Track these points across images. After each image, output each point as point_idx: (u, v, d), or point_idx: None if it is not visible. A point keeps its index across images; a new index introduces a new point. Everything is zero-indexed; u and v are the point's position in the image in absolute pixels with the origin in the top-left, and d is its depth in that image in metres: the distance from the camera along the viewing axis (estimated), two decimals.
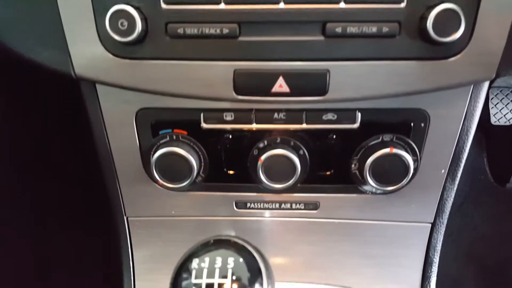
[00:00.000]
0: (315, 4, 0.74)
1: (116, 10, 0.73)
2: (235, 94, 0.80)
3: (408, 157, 0.86)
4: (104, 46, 0.78)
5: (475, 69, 0.78)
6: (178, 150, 0.87)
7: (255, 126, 0.88)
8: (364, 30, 0.74)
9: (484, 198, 1.58)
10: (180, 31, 0.75)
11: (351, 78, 0.79)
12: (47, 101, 1.25)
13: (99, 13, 0.76)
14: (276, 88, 0.79)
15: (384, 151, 0.86)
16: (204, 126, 0.89)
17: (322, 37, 0.76)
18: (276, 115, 0.87)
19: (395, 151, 0.86)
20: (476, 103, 0.87)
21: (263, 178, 0.89)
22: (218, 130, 0.90)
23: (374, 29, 0.74)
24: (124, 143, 0.93)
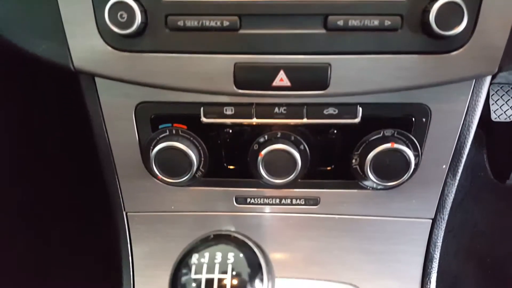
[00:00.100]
0: None
1: (115, 2, 0.72)
2: (235, 88, 0.80)
3: (409, 152, 0.86)
4: (103, 39, 0.77)
5: (477, 63, 0.77)
6: (178, 145, 0.87)
7: (256, 120, 0.88)
8: (366, 23, 0.73)
9: (484, 194, 1.59)
10: (180, 24, 0.75)
11: (353, 72, 0.78)
12: (45, 94, 1.24)
13: (98, 5, 0.75)
14: (277, 82, 0.78)
15: (385, 146, 0.86)
16: (204, 120, 0.88)
17: (324, 30, 0.75)
18: (276, 110, 0.87)
19: (396, 146, 0.86)
20: (478, 98, 0.87)
21: (263, 173, 0.88)
22: (218, 125, 0.89)
23: (376, 22, 0.73)
24: (123, 137, 0.92)
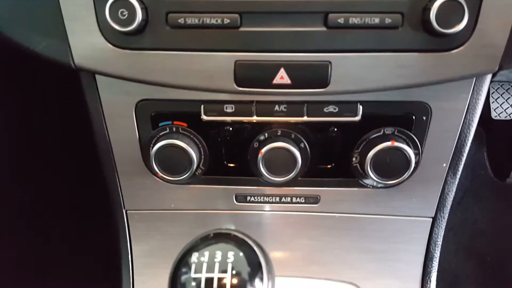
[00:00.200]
0: None
1: None
2: (235, 85, 0.79)
3: (409, 150, 0.86)
4: (104, 36, 0.77)
5: (478, 61, 0.77)
6: (178, 142, 0.87)
7: (256, 118, 0.88)
8: (366, 21, 0.73)
9: (484, 192, 1.59)
10: (181, 21, 0.74)
11: (353, 70, 0.78)
12: (46, 92, 1.24)
13: (99, 2, 0.75)
14: (277, 80, 0.78)
15: (386, 144, 0.86)
16: (205, 118, 0.88)
17: (324, 28, 0.75)
18: (277, 107, 0.86)
19: (397, 144, 0.86)
20: (479, 96, 0.87)
21: (263, 171, 0.88)
22: (219, 122, 0.89)
23: (377, 20, 0.73)
24: (124, 135, 0.92)
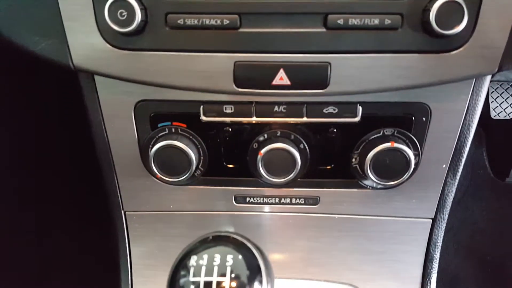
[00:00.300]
0: None
1: (115, 0, 0.71)
2: (235, 86, 0.79)
3: (409, 151, 0.86)
4: (103, 37, 0.77)
5: (477, 62, 0.77)
6: (177, 143, 0.87)
7: (255, 119, 0.88)
8: (366, 22, 0.73)
9: (484, 192, 1.59)
10: (180, 22, 0.74)
11: (353, 71, 0.78)
12: (44, 92, 1.24)
13: (98, 2, 0.74)
14: (276, 81, 0.78)
15: (385, 145, 0.86)
16: (204, 119, 0.88)
17: (324, 29, 0.75)
18: (276, 108, 0.86)
19: (396, 145, 0.85)
20: (478, 97, 0.87)
21: (263, 172, 0.88)
22: (218, 123, 0.89)
23: (376, 21, 0.73)
24: (122, 135, 0.92)
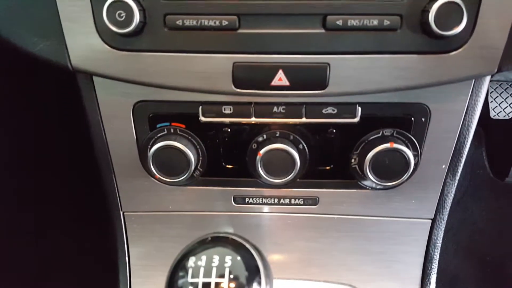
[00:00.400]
0: None
1: (113, 1, 0.71)
2: (234, 87, 0.79)
3: (408, 152, 0.86)
4: (102, 38, 0.77)
5: (477, 63, 0.77)
6: (176, 144, 0.86)
7: (254, 119, 0.88)
8: (365, 23, 0.73)
9: (483, 192, 1.59)
10: (179, 23, 0.74)
11: (352, 71, 0.78)
12: (43, 93, 1.24)
13: (96, 3, 0.74)
14: (275, 82, 0.78)
15: (385, 146, 0.86)
16: (203, 119, 0.88)
17: (323, 30, 0.75)
18: (275, 109, 0.86)
19: (396, 146, 0.85)
20: (478, 98, 0.86)
21: (262, 173, 0.88)
22: (217, 124, 0.89)
23: (375, 22, 0.73)
24: (121, 136, 0.92)
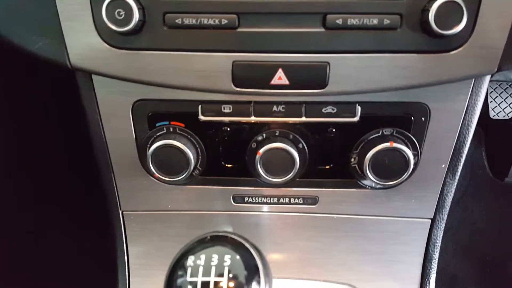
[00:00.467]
0: None
1: None
2: (233, 86, 0.79)
3: (408, 151, 0.86)
4: (101, 36, 0.76)
5: (477, 62, 0.77)
6: (175, 143, 0.86)
7: (254, 118, 0.87)
8: (365, 22, 0.73)
9: (483, 192, 1.59)
10: (178, 21, 0.74)
11: (351, 70, 0.78)
12: (42, 91, 1.23)
13: (95, 2, 0.74)
14: (275, 81, 0.78)
15: (384, 145, 0.86)
16: (202, 118, 0.88)
17: (322, 28, 0.75)
18: (275, 108, 0.86)
19: (395, 145, 0.85)
20: (477, 97, 0.86)
21: (261, 172, 0.88)
22: (216, 123, 0.89)
23: (375, 21, 0.73)
24: (120, 135, 0.92)
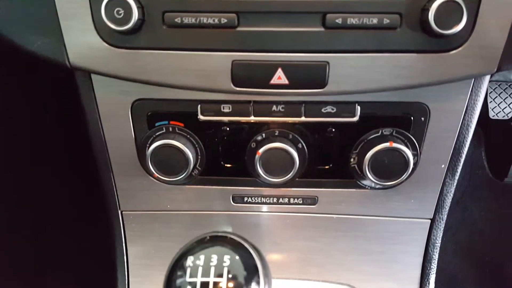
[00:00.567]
0: None
1: None
2: (233, 85, 0.79)
3: (408, 151, 0.85)
4: (100, 35, 0.76)
5: (476, 62, 0.77)
6: (174, 143, 0.86)
7: (253, 118, 0.87)
8: (364, 21, 0.73)
9: (482, 192, 1.59)
10: (178, 20, 0.74)
11: (351, 70, 0.77)
12: (41, 90, 1.23)
13: (94, 1, 0.74)
14: (274, 80, 0.78)
15: (384, 145, 0.85)
16: (201, 118, 0.87)
17: (322, 28, 0.74)
18: (274, 108, 0.86)
19: (395, 145, 0.85)
20: (477, 97, 0.86)
21: (261, 172, 0.88)
22: (216, 122, 0.89)
23: (375, 20, 0.73)
24: (119, 135, 0.92)
